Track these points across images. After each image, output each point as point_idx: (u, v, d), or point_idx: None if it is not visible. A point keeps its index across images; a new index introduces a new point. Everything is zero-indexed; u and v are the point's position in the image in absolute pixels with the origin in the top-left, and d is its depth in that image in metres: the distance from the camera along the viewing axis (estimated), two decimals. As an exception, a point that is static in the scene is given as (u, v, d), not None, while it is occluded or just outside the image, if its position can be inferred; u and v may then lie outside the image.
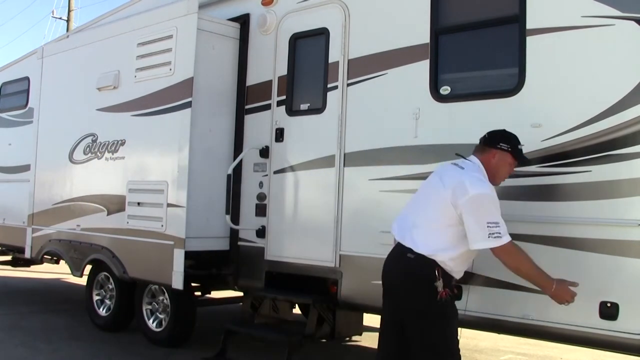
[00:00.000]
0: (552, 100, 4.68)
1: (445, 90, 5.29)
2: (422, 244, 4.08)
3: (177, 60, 6.77)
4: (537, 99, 4.74)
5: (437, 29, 5.37)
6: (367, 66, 5.81)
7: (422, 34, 5.43)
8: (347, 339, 7.38)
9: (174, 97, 6.74)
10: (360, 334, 6.87)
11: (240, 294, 7.14)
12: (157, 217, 6.80)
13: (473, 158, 4.37)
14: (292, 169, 6.34)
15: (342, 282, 5.83)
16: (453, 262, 4.12)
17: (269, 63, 6.64)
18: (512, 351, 7.75)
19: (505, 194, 4.64)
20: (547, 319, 4.58)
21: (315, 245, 6.05)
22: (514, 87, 4.87)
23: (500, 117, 4.88)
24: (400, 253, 4.18)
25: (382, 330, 4.41)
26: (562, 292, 4.13)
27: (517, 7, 4.88)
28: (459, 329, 4.24)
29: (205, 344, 7.22)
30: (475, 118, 5.04)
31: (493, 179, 4.29)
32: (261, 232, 6.53)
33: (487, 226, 3.97)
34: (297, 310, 7.87)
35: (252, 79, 6.83)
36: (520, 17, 4.86)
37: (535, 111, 4.73)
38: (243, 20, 6.93)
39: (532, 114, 4.74)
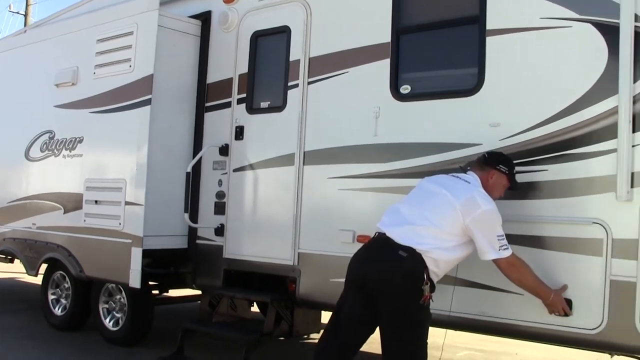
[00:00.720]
0: (510, 99, 4.74)
1: (405, 89, 5.33)
2: (419, 242, 4.13)
3: (137, 57, 6.70)
4: (496, 98, 4.80)
5: (398, 29, 5.40)
6: (328, 65, 5.82)
7: (383, 33, 5.46)
8: (305, 336, 7.38)
9: (133, 94, 6.66)
10: (318, 332, 6.82)
11: (199, 292, 7.09)
12: (114, 215, 6.71)
13: (473, 174, 4.48)
14: (252, 167, 6.32)
15: (301, 280, 5.83)
16: (445, 264, 4.24)
17: (230, 61, 6.62)
18: (468, 347, 7.82)
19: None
20: (503, 315, 4.65)
21: (274, 243, 6.05)
22: (473, 86, 4.92)
23: (459, 116, 4.96)
24: (389, 248, 4.17)
25: (338, 322, 4.39)
26: (557, 302, 4.32)
27: (478, 7, 4.94)
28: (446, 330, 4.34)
29: (163, 342, 7.16)
30: (435, 117, 5.10)
31: None
32: (220, 231, 6.50)
33: (498, 239, 4.17)
34: (255, 308, 7.84)
35: (212, 77, 6.80)
36: (480, 17, 4.91)
37: (494, 110, 4.79)
38: (204, 18, 6.90)
39: (491, 113, 4.80)
